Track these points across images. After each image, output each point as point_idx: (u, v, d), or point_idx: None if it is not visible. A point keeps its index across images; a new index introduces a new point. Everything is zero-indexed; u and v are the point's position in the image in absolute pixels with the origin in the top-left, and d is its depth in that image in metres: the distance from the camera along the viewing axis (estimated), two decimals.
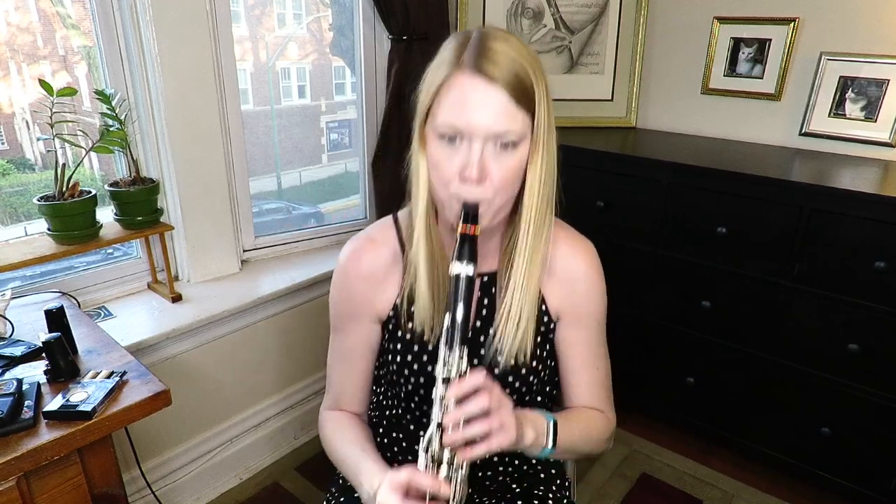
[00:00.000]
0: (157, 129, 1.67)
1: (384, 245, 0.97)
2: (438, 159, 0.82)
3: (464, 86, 0.78)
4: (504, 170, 0.80)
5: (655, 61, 2.27)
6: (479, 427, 0.75)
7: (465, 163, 0.79)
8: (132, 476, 1.62)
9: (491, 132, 0.78)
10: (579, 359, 1.00)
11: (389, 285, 0.97)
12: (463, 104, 0.78)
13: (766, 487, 1.91)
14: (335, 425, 1.05)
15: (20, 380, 1.01)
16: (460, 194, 0.80)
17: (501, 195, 0.82)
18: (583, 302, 0.98)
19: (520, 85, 0.78)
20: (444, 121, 0.79)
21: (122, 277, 1.75)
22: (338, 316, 1.02)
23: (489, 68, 0.77)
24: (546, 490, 1.05)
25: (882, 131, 1.86)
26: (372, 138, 2.22)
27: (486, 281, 0.96)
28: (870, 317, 1.58)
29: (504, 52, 0.78)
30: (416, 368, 0.96)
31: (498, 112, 0.77)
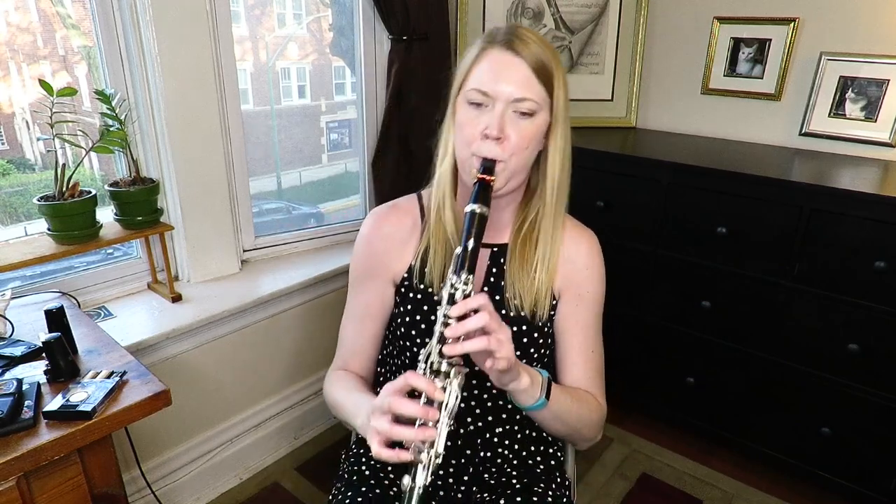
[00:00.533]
0: (157, 129, 1.67)
1: (407, 213, 1.07)
2: (465, 121, 0.93)
3: (495, 58, 0.91)
4: (520, 133, 0.91)
5: (655, 61, 2.27)
6: (477, 342, 0.78)
7: (487, 123, 0.90)
8: (132, 476, 1.62)
9: (512, 97, 0.89)
10: (576, 338, 1.05)
11: (407, 249, 1.05)
12: (492, 72, 0.90)
13: (766, 487, 1.91)
14: (338, 378, 1.09)
15: (20, 380, 1.01)
16: (481, 150, 0.90)
17: (516, 157, 0.92)
18: (584, 281, 1.04)
19: (542, 66, 0.90)
20: (474, 86, 0.91)
21: (122, 277, 1.75)
22: (356, 275, 1.09)
23: (518, 46, 0.90)
24: (546, 487, 1.06)
25: (882, 131, 1.86)
26: (372, 138, 2.22)
27: (496, 251, 1.04)
28: (870, 317, 1.58)
29: (532, 38, 0.91)
30: (424, 328, 1.01)
31: (521, 82, 0.89)
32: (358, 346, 1.10)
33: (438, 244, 1.00)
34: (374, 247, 1.06)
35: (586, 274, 1.04)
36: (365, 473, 1.07)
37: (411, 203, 1.08)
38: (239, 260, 1.94)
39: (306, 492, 1.89)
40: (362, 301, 1.08)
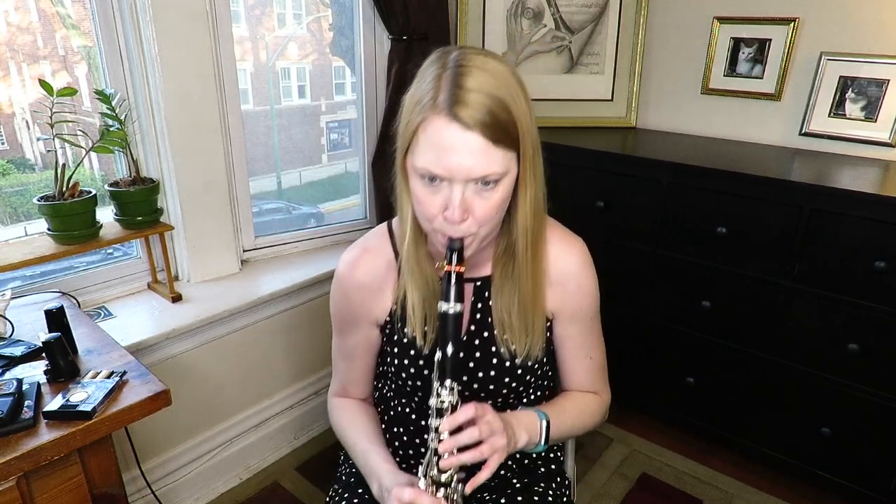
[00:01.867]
0: (157, 129, 1.67)
1: (379, 254, 1.00)
2: (420, 196, 0.82)
3: (440, 132, 0.76)
4: (487, 206, 0.81)
5: (655, 61, 2.27)
6: (471, 455, 0.81)
7: (446, 203, 0.80)
8: (132, 476, 1.62)
9: (470, 177, 0.77)
10: (574, 350, 1.04)
11: (386, 293, 1.00)
12: (440, 151, 0.77)
13: (766, 487, 1.91)
14: (344, 413, 1.09)
15: (20, 380, 1.01)
16: (445, 230, 0.81)
17: (486, 227, 0.83)
18: (575, 301, 1.00)
19: (498, 124, 0.76)
20: (422, 165, 0.79)
21: (122, 277, 1.75)
22: (338, 321, 1.06)
23: (463, 113, 0.75)
24: (546, 487, 1.06)
25: (882, 131, 1.85)
26: (372, 138, 2.22)
27: (480, 285, 0.98)
28: (870, 317, 1.58)
29: (479, 88, 0.76)
30: (414, 372, 0.99)
31: (476, 157, 0.76)
32: (353, 378, 1.10)
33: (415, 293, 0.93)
34: (350, 297, 1.01)
35: (579, 293, 0.99)
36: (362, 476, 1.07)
37: (382, 241, 1.01)
38: (239, 260, 1.94)
39: (306, 492, 1.89)
40: (348, 344, 1.06)
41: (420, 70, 0.83)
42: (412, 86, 0.83)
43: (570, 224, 1.02)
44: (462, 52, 0.81)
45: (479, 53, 0.81)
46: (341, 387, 1.12)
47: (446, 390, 0.82)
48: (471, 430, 0.80)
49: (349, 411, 1.09)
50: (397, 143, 0.84)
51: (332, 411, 1.12)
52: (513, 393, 1.00)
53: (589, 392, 1.07)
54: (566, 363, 1.06)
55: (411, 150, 0.81)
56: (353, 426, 1.06)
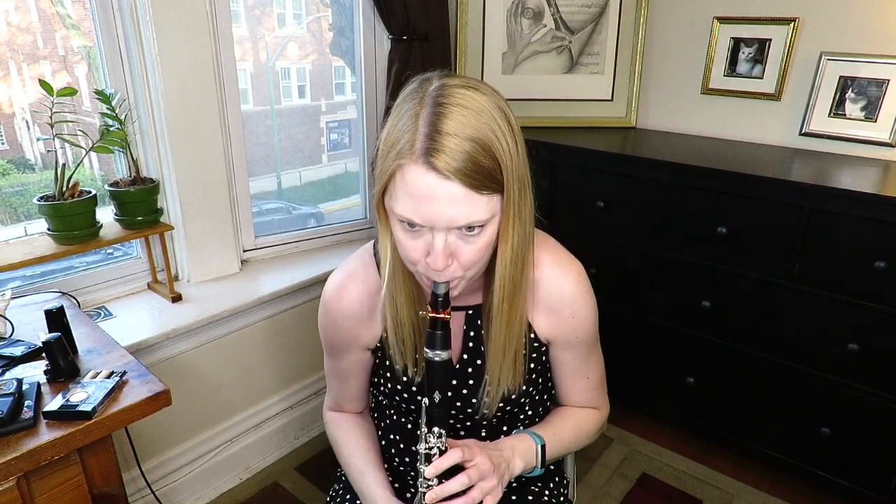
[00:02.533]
0: (157, 129, 1.67)
1: (364, 281, 0.95)
2: (402, 241, 0.78)
3: (417, 182, 0.72)
4: (472, 251, 0.77)
5: (655, 61, 2.27)
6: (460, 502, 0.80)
7: (428, 248, 0.76)
8: (132, 476, 1.62)
9: (452, 226, 0.74)
10: (570, 374, 1.03)
11: (374, 320, 0.97)
12: (418, 200, 0.72)
13: (766, 487, 1.91)
14: (339, 430, 1.09)
15: (20, 380, 1.01)
16: (429, 275, 0.78)
17: (472, 270, 0.80)
18: (570, 329, 0.96)
19: (479, 171, 0.71)
20: (401, 213, 0.75)
21: (122, 277, 1.75)
22: (328, 346, 1.05)
23: (441, 162, 0.70)
24: (543, 486, 1.06)
25: (882, 131, 1.85)
26: (372, 138, 2.22)
27: (472, 314, 0.96)
28: (870, 317, 1.58)
29: (458, 132, 0.71)
30: (407, 396, 0.98)
31: (458, 206, 0.72)
32: (347, 395, 1.09)
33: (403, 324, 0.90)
34: (338, 325, 0.98)
35: (573, 321, 0.95)
36: None
37: (367, 266, 0.96)
38: (239, 260, 1.94)
39: (306, 492, 1.89)
40: (342, 365, 1.04)
41: (396, 103, 0.78)
42: (388, 121, 0.78)
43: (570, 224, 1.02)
44: (442, 86, 0.75)
45: (460, 86, 0.75)
46: (335, 402, 1.11)
47: (434, 437, 0.82)
48: (459, 477, 0.80)
49: (345, 428, 1.08)
50: (375, 181, 0.79)
51: (328, 426, 1.11)
52: (507, 415, 0.99)
53: (587, 408, 1.07)
54: (563, 384, 1.04)
55: (388, 192, 0.76)
56: (348, 444, 1.05)
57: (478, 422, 0.98)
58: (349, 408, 1.11)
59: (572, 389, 1.04)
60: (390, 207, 0.77)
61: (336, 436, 1.08)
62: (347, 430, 1.08)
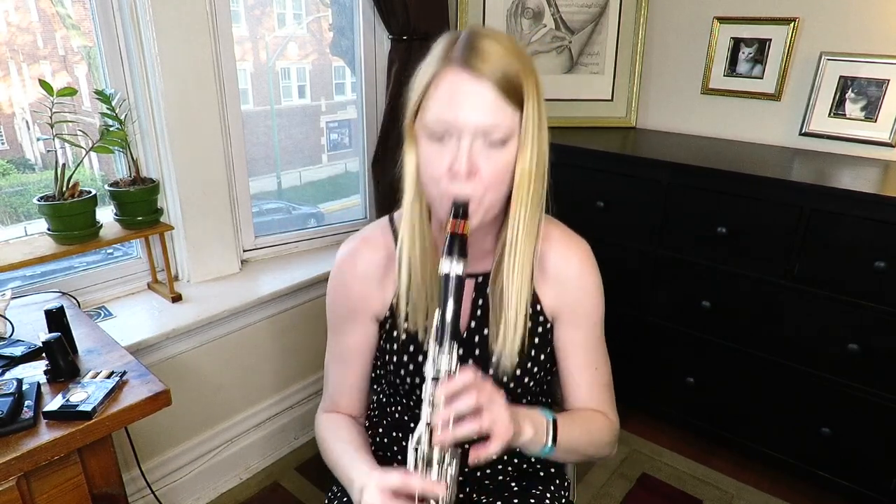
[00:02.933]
0: (157, 129, 1.67)
1: (379, 246, 0.97)
2: (428, 157, 0.81)
3: (452, 81, 0.78)
4: (493, 166, 0.80)
5: (655, 61, 2.27)
6: (469, 426, 0.73)
7: (454, 158, 0.78)
8: (132, 476, 1.62)
9: (479, 127, 0.77)
10: (577, 360, 0.99)
11: (385, 286, 0.97)
12: (451, 99, 0.78)
13: (766, 487, 1.91)
14: (330, 425, 1.04)
15: (20, 380, 1.01)
16: (450, 191, 0.80)
17: (491, 192, 0.81)
18: (577, 301, 0.96)
19: (508, 82, 0.78)
20: (433, 116, 0.79)
21: (122, 277, 1.75)
22: (335, 317, 1.02)
23: (477, 64, 0.77)
24: (545, 489, 1.06)
25: (882, 131, 1.86)
26: (372, 138, 2.22)
27: (480, 282, 0.96)
28: (870, 317, 1.58)
29: (493, 49, 0.78)
30: (413, 368, 0.96)
31: (486, 107, 0.77)
32: (346, 387, 1.05)
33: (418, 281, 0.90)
34: (350, 288, 0.97)
35: (579, 294, 0.96)
36: None
37: (383, 233, 0.98)
38: (239, 260, 1.94)
39: (306, 492, 1.89)
40: (346, 343, 1.02)
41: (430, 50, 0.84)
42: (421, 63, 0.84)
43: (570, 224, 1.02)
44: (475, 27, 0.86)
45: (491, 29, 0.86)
46: (331, 401, 1.08)
47: (445, 355, 0.75)
48: (468, 397, 0.74)
49: (335, 423, 1.03)
50: (406, 112, 0.84)
51: (318, 427, 1.06)
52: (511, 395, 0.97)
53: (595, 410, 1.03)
54: (571, 376, 1.00)
55: (422, 108, 0.81)
56: (337, 437, 1.00)
57: None
58: (345, 405, 1.07)
59: (581, 382, 1.00)
60: (421, 122, 0.81)
61: (326, 430, 1.03)
62: (339, 425, 1.03)
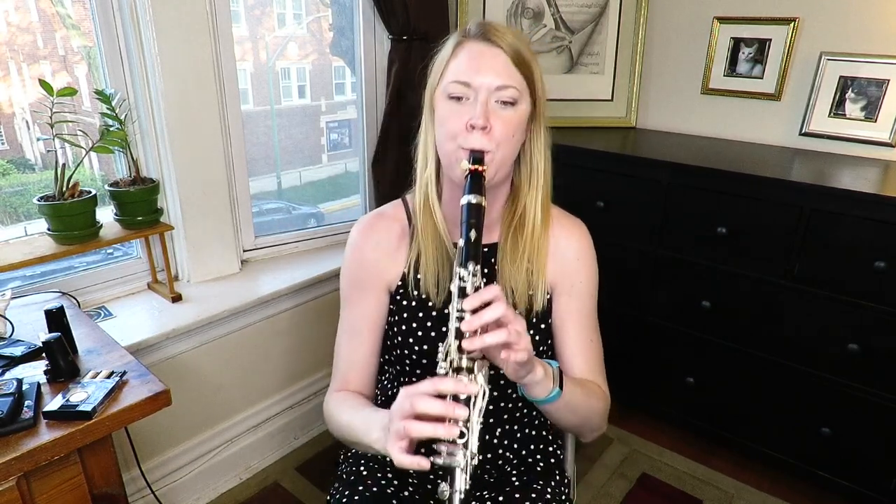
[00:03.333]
0: (157, 129, 1.67)
1: (394, 219, 1.06)
2: (446, 116, 0.92)
3: (472, 48, 0.91)
4: (505, 122, 0.90)
5: (655, 61, 2.27)
6: (497, 334, 0.76)
7: (470, 114, 0.89)
8: (132, 476, 1.62)
9: (494, 85, 0.89)
10: (573, 330, 1.04)
11: (398, 257, 1.04)
12: (471, 62, 0.90)
13: (766, 487, 1.91)
14: (340, 399, 1.04)
15: (20, 380, 1.01)
16: (468, 143, 0.89)
17: (503, 148, 0.91)
18: (576, 272, 1.04)
19: (520, 55, 0.91)
20: (453, 78, 0.91)
21: (122, 277, 1.75)
22: (349, 287, 1.06)
23: (493, 36, 0.91)
24: (545, 484, 1.06)
25: (882, 131, 1.86)
26: (372, 138, 2.22)
27: (487, 251, 1.02)
28: (870, 317, 1.58)
29: (506, 30, 0.92)
30: (421, 335, 1.00)
31: (500, 70, 0.89)
32: (356, 360, 1.06)
33: (429, 249, 0.98)
34: (365, 257, 1.04)
35: (577, 266, 1.04)
36: (363, 474, 1.07)
37: (398, 209, 1.07)
38: (239, 260, 1.94)
39: (306, 492, 1.89)
40: (358, 313, 1.05)
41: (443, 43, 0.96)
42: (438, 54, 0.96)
43: None
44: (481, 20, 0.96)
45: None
46: (342, 379, 1.07)
47: (468, 272, 0.80)
48: (495, 307, 0.76)
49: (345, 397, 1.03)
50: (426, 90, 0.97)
51: (327, 405, 1.06)
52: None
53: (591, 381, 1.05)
54: (568, 346, 1.04)
55: (443, 77, 0.93)
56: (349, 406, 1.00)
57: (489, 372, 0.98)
58: (354, 380, 1.06)
59: (577, 352, 1.03)
60: (441, 88, 0.93)
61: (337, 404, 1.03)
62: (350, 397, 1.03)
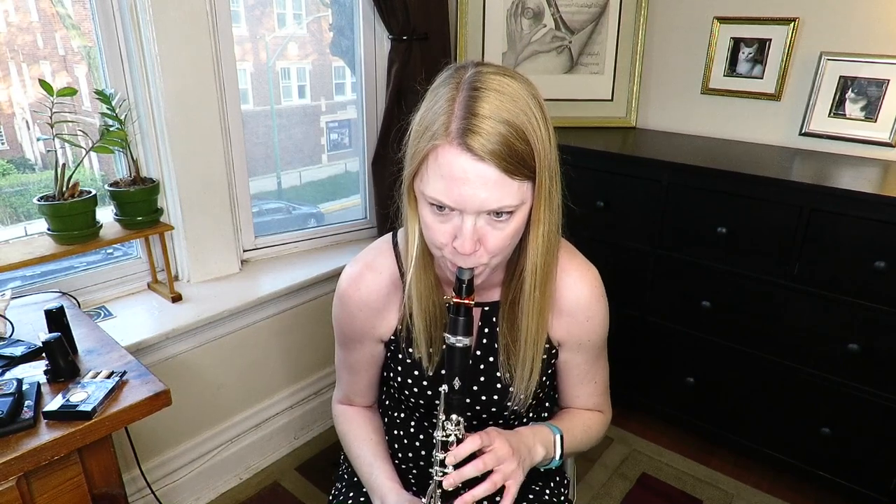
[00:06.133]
0: (157, 129, 1.67)
1: (383, 271, 0.96)
2: (430, 224, 0.79)
3: (451, 163, 0.73)
4: (500, 237, 0.78)
5: (655, 61, 2.27)
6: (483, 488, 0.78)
7: (456, 232, 0.76)
8: (132, 476, 1.62)
9: (483, 209, 0.74)
10: (578, 377, 1.03)
11: (390, 311, 0.97)
12: (450, 181, 0.73)
13: (766, 487, 1.91)
14: (349, 424, 1.08)
15: (20, 380, 1.00)
16: (454, 260, 0.79)
17: (498, 258, 0.81)
18: (583, 332, 0.97)
19: (513, 155, 0.73)
20: (432, 195, 0.75)
21: (122, 277, 1.75)
22: (342, 336, 1.04)
23: (476, 144, 0.71)
24: (544, 485, 1.06)
25: (882, 131, 1.85)
26: (372, 138, 2.22)
27: (488, 311, 0.97)
28: (870, 317, 1.58)
29: (494, 115, 0.72)
30: (418, 391, 0.98)
31: (489, 189, 0.73)
32: (357, 389, 1.08)
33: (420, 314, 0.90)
34: (353, 316, 0.98)
35: (587, 325, 0.96)
36: None
37: (387, 257, 0.97)
38: (239, 260, 1.94)
39: (306, 492, 1.89)
40: (353, 357, 1.04)
41: (432, 88, 0.80)
42: (423, 104, 0.80)
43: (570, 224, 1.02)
44: (477, 72, 0.76)
45: (496, 73, 0.76)
46: (345, 396, 1.11)
47: (452, 424, 0.80)
48: (476, 463, 0.78)
49: (354, 423, 1.08)
50: (405, 164, 0.81)
51: (336, 419, 1.11)
52: (514, 415, 0.99)
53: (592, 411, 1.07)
54: (570, 388, 1.04)
55: (420, 175, 0.78)
56: (357, 439, 1.05)
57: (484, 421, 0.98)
58: (359, 401, 1.10)
59: (580, 393, 1.04)
60: (420, 190, 0.78)
61: (345, 430, 1.08)
62: (357, 423, 1.07)
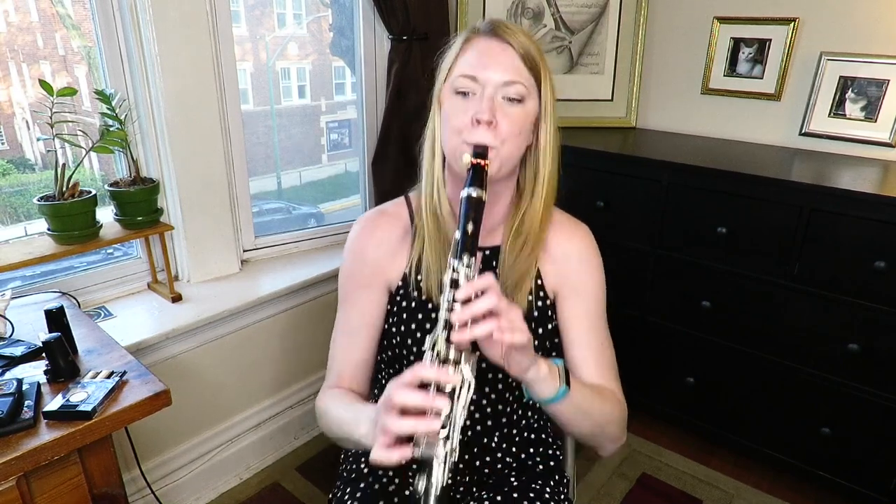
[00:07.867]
0: (157, 129, 1.67)
1: (396, 218, 1.03)
2: (453, 111, 0.91)
3: (481, 44, 0.91)
4: (511, 119, 0.89)
5: (655, 61, 2.27)
6: (487, 325, 0.72)
7: (476, 109, 0.88)
8: (132, 476, 1.62)
9: (501, 81, 0.88)
10: (581, 332, 1.00)
11: (400, 256, 1.01)
12: (479, 57, 0.90)
13: (766, 487, 1.91)
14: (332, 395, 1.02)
15: (20, 380, 1.01)
16: (472, 137, 0.88)
17: (508, 144, 0.89)
18: (578, 277, 1.01)
19: (529, 54, 0.90)
20: (460, 72, 0.90)
21: (122, 277, 1.75)
22: (348, 285, 1.04)
23: (503, 33, 0.90)
24: (544, 484, 1.06)
25: (882, 131, 1.86)
26: (372, 138, 2.22)
27: (489, 255, 1.01)
28: (870, 317, 1.58)
29: (517, 29, 0.92)
30: (419, 336, 0.98)
31: (509, 66, 0.89)
32: (351, 359, 1.04)
33: (432, 247, 0.95)
34: (366, 255, 1.01)
35: (581, 268, 1.01)
36: (364, 472, 1.07)
37: (400, 208, 1.05)
38: (239, 260, 1.94)
39: (306, 492, 1.89)
40: (356, 312, 1.02)
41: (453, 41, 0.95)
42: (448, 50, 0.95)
43: None
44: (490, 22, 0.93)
45: None
46: (336, 377, 1.05)
47: (462, 264, 0.76)
48: (486, 297, 0.73)
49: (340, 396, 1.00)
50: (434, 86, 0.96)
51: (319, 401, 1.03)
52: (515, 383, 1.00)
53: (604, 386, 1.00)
54: (577, 349, 1.00)
55: (451, 72, 0.92)
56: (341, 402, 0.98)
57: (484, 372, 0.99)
58: (348, 380, 1.04)
59: (587, 356, 0.99)
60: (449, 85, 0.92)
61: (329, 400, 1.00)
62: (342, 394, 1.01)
